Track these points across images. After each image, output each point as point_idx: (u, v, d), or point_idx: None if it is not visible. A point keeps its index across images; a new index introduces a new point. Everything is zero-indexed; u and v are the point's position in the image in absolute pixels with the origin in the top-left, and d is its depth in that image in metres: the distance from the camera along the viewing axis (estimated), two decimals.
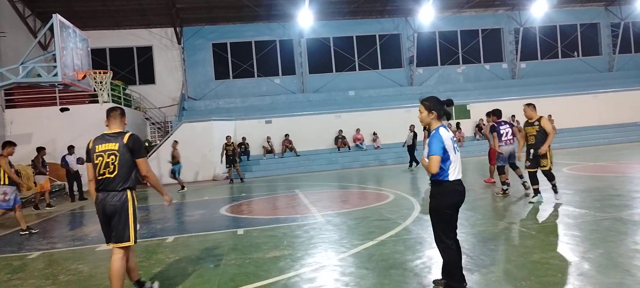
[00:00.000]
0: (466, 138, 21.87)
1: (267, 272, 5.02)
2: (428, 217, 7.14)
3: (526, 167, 7.96)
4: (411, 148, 17.13)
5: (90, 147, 4.20)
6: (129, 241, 4.12)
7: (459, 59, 27.13)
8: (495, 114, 9.43)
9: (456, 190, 3.78)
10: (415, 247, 5.66)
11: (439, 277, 4.07)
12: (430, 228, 6.45)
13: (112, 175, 4.09)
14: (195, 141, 18.38)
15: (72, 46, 9.99)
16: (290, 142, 20.50)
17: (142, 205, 11.87)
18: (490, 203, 8.40)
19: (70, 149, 14.21)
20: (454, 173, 3.75)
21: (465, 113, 22.60)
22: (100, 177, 4.10)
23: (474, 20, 26.93)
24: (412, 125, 17.50)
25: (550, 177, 7.76)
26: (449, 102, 3.89)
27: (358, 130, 21.19)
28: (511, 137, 9.06)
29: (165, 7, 21.58)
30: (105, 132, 4.29)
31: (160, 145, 18.65)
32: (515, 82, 26.69)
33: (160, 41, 24.00)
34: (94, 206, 4.25)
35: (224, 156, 16.64)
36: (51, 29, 9.39)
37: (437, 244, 3.94)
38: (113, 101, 18.12)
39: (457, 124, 20.93)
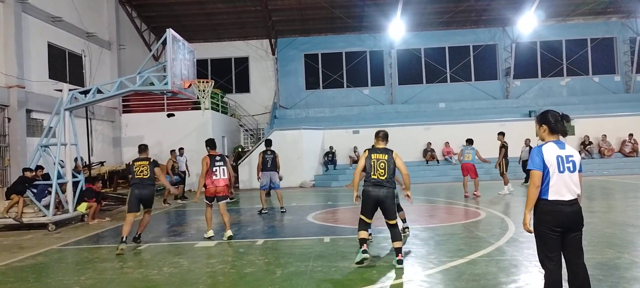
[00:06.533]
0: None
1: (353, 282, 5.06)
2: (524, 239, 6.76)
3: None
4: (526, 163, 16.49)
5: (131, 163, 7.66)
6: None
7: (563, 70, 25.11)
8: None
9: (553, 211, 3.56)
10: (509, 269, 5.36)
11: None
12: (526, 251, 6.12)
13: (147, 177, 7.54)
14: (285, 149, 18.98)
15: (181, 57, 10.90)
16: None
17: (236, 208, 12.57)
18: (598, 229, 7.65)
19: (181, 151, 15.51)
20: (554, 193, 3.56)
21: (569, 129, 20.78)
22: (137, 177, 7.49)
23: (582, 28, 24.77)
24: (527, 139, 16.79)
25: None
26: (565, 117, 3.77)
27: (447, 144, 20.49)
28: None
29: (263, 20, 22.74)
30: (140, 156, 7.71)
31: (252, 151, 19.60)
32: (630, 97, 24.00)
33: (256, 52, 25.29)
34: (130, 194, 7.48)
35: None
36: (163, 42, 10.34)
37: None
38: (212, 108, 19.44)
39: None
